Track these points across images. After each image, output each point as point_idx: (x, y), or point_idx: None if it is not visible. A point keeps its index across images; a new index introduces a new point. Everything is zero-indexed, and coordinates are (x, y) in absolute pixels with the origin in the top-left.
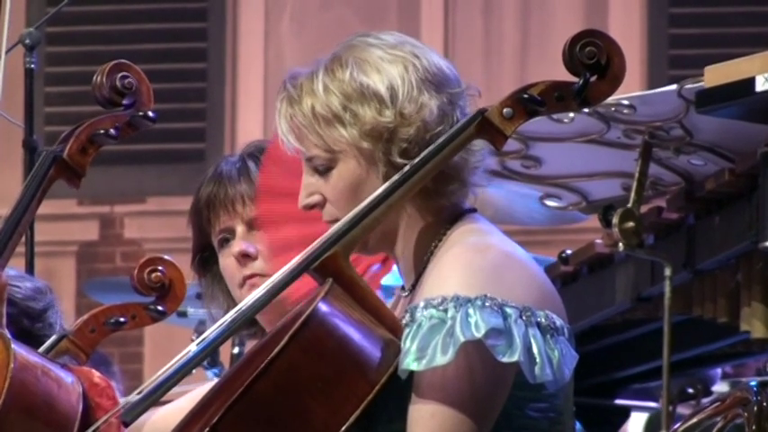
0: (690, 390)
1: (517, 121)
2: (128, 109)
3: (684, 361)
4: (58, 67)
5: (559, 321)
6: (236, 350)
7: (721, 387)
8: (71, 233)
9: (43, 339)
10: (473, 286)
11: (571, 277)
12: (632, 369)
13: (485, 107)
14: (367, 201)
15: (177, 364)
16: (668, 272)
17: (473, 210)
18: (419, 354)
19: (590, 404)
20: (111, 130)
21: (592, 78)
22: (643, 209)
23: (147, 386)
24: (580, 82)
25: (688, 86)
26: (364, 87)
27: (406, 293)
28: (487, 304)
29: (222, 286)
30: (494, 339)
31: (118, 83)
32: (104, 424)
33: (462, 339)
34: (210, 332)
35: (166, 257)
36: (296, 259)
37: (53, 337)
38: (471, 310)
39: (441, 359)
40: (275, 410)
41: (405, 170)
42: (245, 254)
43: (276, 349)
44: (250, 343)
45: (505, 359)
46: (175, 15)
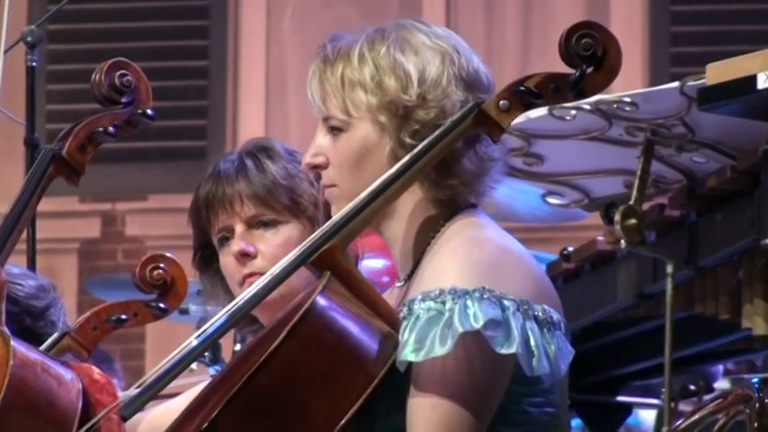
0: (692, 387)
1: (514, 114)
2: (126, 107)
3: (686, 358)
4: (60, 65)
5: (556, 316)
6: (237, 347)
7: (723, 384)
8: (73, 230)
9: (45, 337)
10: (471, 279)
11: (573, 274)
12: (634, 366)
13: (481, 99)
14: (364, 194)
15: (176, 358)
16: (670, 269)
17: (474, 205)
18: (417, 345)
19: (592, 401)
20: (109, 128)
21: (588, 70)
22: (645, 206)
23: (146, 380)
24: (576, 73)
25: (690, 84)
26: (397, 63)
27: (402, 284)
28: (486, 296)
29: (223, 284)
30: (492, 331)
31: (116, 81)
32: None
33: (461, 330)
34: (209, 326)
35: (168, 255)
36: (293, 253)
37: (55, 335)
38: (470, 302)
39: (439, 350)
40: (274, 405)
41: (403, 161)
42: (244, 253)
43: (275, 344)
44: None
45: (503, 351)
46: (177, 13)
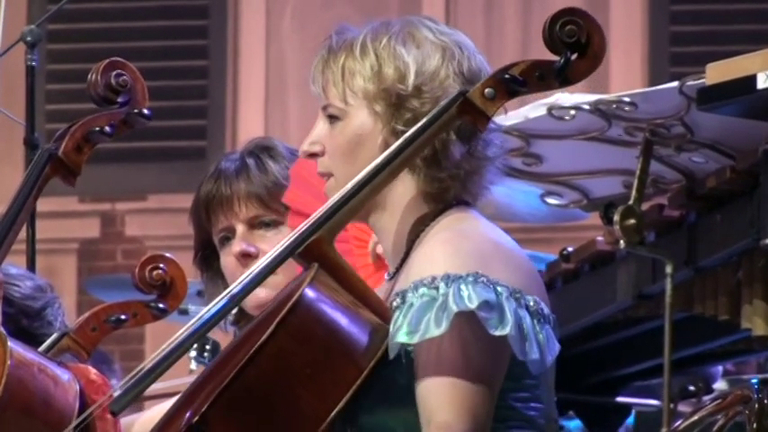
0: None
1: (499, 102)
2: (123, 107)
3: (685, 358)
4: (60, 65)
5: (547, 309)
6: None
7: (722, 385)
8: (72, 230)
9: (42, 338)
10: (463, 266)
11: (572, 275)
12: (633, 366)
13: (466, 88)
14: (351, 183)
15: (164, 352)
16: (669, 269)
17: (466, 202)
18: (411, 328)
19: (591, 402)
20: (106, 128)
21: (572, 57)
22: (644, 206)
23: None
24: (561, 61)
25: (689, 84)
26: (397, 54)
27: (390, 277)
28: (480, 280)
29: (224, 283)
30: (486, 312)
31: (113, 81)
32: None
33: (456, 310)
34: (198, 319)
35: (168, 255)
36: (281, 244)
37: (54, 335)
38: (463, 286)
39: (435, 331)
40: (264, 397)
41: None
42: (245, 254)
43: (264, 336)
44: None
45: (497, 332)
46: (177, 12)
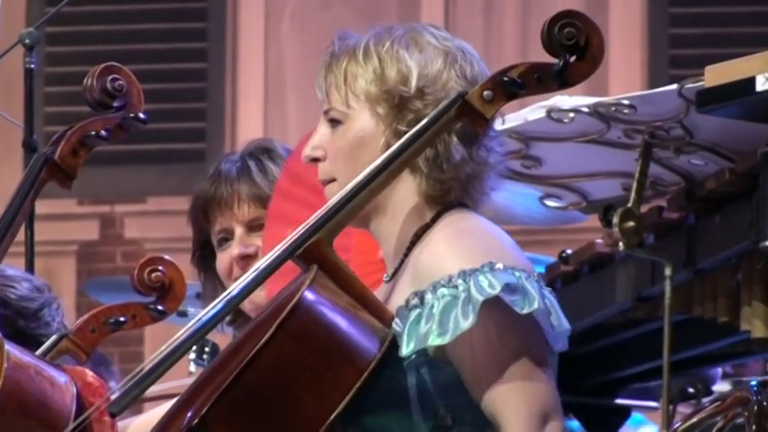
0: (690, 389)
1: (498, 104)
2: (119, 111)
3: (685, 360)
4: (58, 67)
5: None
6: None
7: (722, 386)
8: (71, 233)
9: (39, 338)
10: (475, 259)
11: (571, 277)
12: (632, 368)
13: (465, 90)
14: (350, 185)
15: (163, 354)
16: (669, 271)
17: (466, 205)
18: (442, 329)
19: (590, 404)
20: (102, 132)
21: (571, 59)
22: (643, 209)
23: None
24: (560, 63)
25: (688, 86)
26: (400, 58)
27: (388, 279)
28: (496, 267)
29: (222, 283)
30: (510, 295)
31: (108, 85)
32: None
33: (481, 299)
34: (197, 321)
35: (166, 257)
36: (280, 245)
37: (53, 337)
38: (482, 277)
39: (464, 323)
40: (264, 399)
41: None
42: (244, 256)
43: (264, 339)
44: None
45: (526, 310)
46: (176, 15)
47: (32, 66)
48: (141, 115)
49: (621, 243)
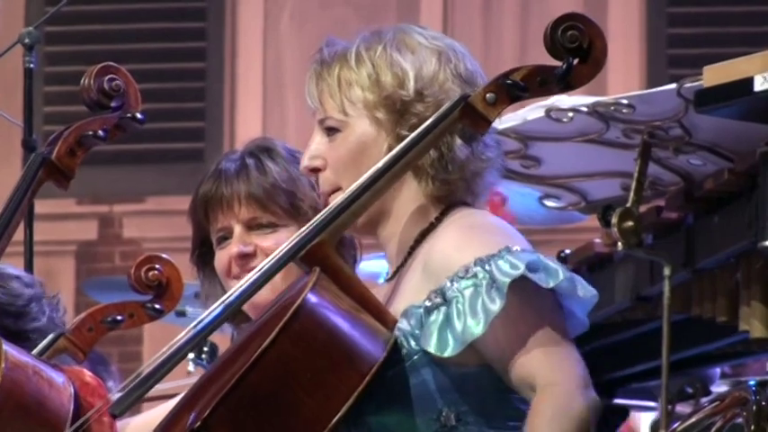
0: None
1: (500, 107)
2: (116, 111)
3: (683, 360)
4: (58, 67)
5: None
6: None
7: (720, 387)
8: (70, 233)
9: (29, 334)
10: (489, 247)
11: None
12: (631, 368)
13: (468, 93)
14: (353, 187)
15: (165, 356)
16: (667, 271)
17: (467, 203)
18: (476, 319)
19: None
20: (99, 132)
21: (574, 62)
22: (642, 208)
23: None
24: (563, 66)
25: (687, 86)
26: (394, 61)
27: (391, 278)
28: (513, 249)
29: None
30: (534, 272)
31: (105, 85)
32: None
33: (507, 280)
34: (198, 322)
35: (164, 256)
36: (282, 247)
37: (50, 336)
38: (501, 261)
39: (493, 307)
40: (266, 402)
41: (392, 153)
42: (243, 254)
43: (266, 341)
44: None
45: (552, 284)
46: (174, 15)
47: (32, 65)
48: (138, 115)
49: (620, 243)
